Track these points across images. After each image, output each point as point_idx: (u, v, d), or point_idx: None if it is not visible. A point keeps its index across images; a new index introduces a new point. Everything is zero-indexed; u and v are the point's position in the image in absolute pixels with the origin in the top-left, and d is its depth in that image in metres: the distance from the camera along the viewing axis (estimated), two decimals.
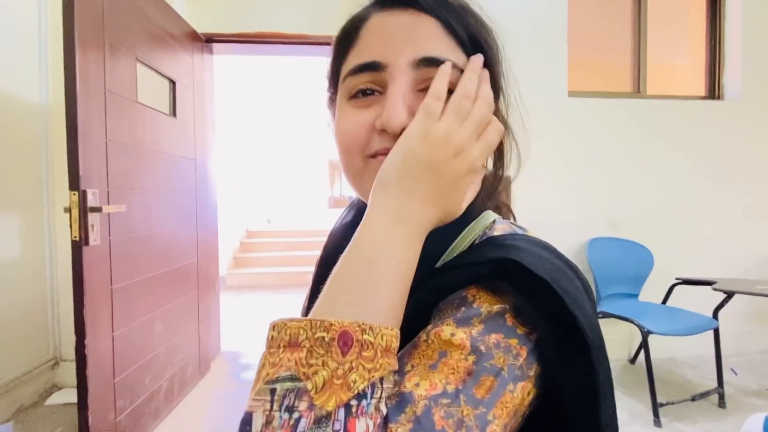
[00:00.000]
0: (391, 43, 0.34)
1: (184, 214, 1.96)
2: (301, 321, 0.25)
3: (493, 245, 0.34)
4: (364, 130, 0.35)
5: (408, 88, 0.34)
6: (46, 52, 1.97)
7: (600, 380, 0.29)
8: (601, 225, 2.29)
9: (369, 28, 0.36)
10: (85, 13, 1.28)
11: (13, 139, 1.82)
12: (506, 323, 0.30)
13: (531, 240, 0.36)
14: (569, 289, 0.30)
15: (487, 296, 0.31)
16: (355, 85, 0.36)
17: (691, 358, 2.30)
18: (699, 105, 2.39)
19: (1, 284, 1.74)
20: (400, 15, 0.35)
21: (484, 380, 0.28)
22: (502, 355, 0.29)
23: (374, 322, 0.26)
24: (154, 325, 1.68)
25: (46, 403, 1.88)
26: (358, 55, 0.36)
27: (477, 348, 0.28)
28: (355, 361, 0.24)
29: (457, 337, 0.29)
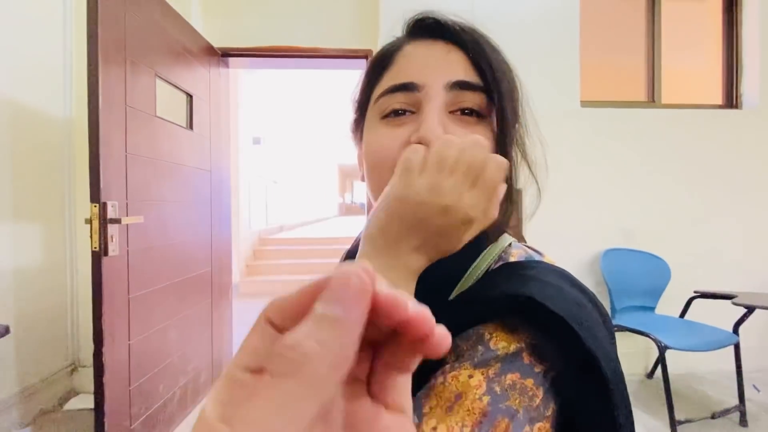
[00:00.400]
0: (427, 66, 0.36)
1: (199, 223, 2.01)
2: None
3: (509, 276, 0.34)
4: (398, 145, 0.36)
5: (442, 108, 0.36)
6: (70, 68, 2.05)
7: (619, 420, 0.29)
8: (615, 236, 2.25)
9: (404, 53, 0.39)
10: (108, 32, 1.34)
11: (37, 152, 1.89)
12: (523, 362, 0.30)
13: (547, 268, 0.35)
14: (587, 324, 0.29)
15: (505, 335, 0.31)
16: (389, 105, 0.37)
17: (711, 374, 2.23)
18: (716, 114, 2.35)
19: (24, 292, 1.80)
20: (435, 45, 0.38)
21: (499, 422, 0.28)
22: (517, 397, 0.29)
23: None
24: (168, 333, 1.71)
25: (65, 408, 1.93)
26: (392, 77, 0.38)
27: (492, 389, 0.29)
28: None
29: (475, 379, 0.29)
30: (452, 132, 0.35)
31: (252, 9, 2.29)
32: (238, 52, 2.24)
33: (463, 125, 0.36)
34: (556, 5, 2.23)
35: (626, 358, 2.26)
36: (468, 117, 0.37)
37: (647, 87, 2.44)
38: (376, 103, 0.38)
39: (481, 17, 1.79)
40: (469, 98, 0.36)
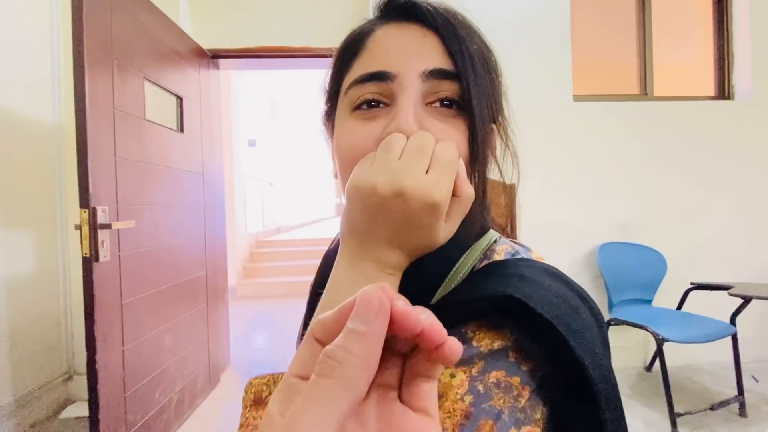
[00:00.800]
0: (400, 53, 0.33)
1: (192, 227, 1.99)
2: (264, 377, 0.26)
3: (494, 274, 0.32)
4: (371, 142, 0.33)
5: (418, 99, 0.33)
6: (58, 72, 2.03)
7: (607, 428, 0.27)
8: (611, 230, 2.25)
9: (376, 38, 0.35)
10: (93, 35, 1.32)
11: (27, 158, 1.87)
12: (508, 359, 0.28)
13: (534, 266, 0.33)
14: (575, 326, 0.28)
15: (488, 332, 0.29)
16: (360, 95, 0.34)
17: (710, 366, 2.23)
18: (709, 105, 2.35)
19: (17, 300, 1.77)
20: (409, 28, 0.35)
21: (483, 424, 0.26)
22: (502, 396, 0.27)
23: None
24: (163, 338, 1.69)
25: (61, 416, 1.91)
26: (364, 64, 0.35)
27: (474, 388, 0.27)
28: None
29: (457, 378, 0.28)
30: (428, 125, 0.33)
31: (241, 10, 2.28)
32: (228, 53, 2.23)
33: (441, 118, 0.33)
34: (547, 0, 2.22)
35: (624, 351, 2.27)
36: (446, 109, 0.34)
37: (639, 80, 2.44)
38: (346, 94, 0.35)
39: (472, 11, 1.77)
40: (447, 87, 0.33)
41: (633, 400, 1.94)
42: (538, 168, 2.21)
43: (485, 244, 0.36)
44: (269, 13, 2.27)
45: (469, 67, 0.33)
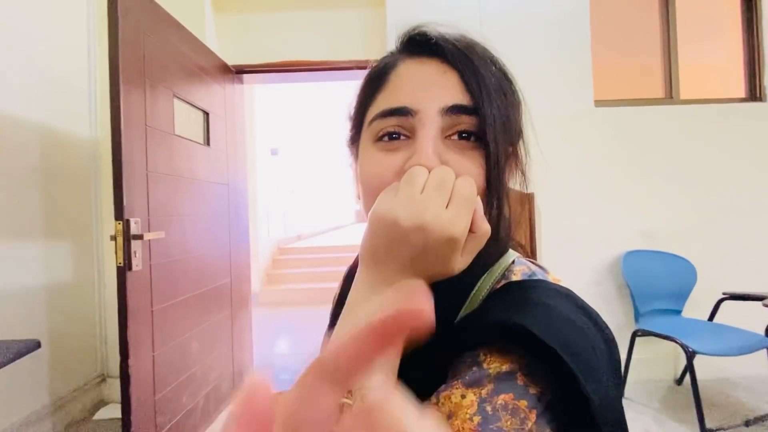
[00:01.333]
0: (421, 89, 0.35)
1: (217, 236, 2.06)
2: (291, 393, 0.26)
3: (507, 299, 0.33)
4: (392, 173, 0.35)
5: (437, 133, 0.35)
6: (95, 91, 2.16)
7: None
8: (636, 238, 2.19)
9: (399, 73, 0.37)
10: (128, 56, 1.41)
11: (65, 172, 1.99)
12: (517, 383, 0.29)
13: (551, 289, 0.34)
14: (585, 356, 0.28)
15: (498, 356, 0.30)
16: (382, 128, 0.36)
17: (745, 380, 2.13)
18: (739, 108, 2.27)
19: (55, 306, 1.88)
20: (429, 63, 0.36)
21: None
22: (509, 418, 0.28)
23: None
24: (190, 344, 1.76)
25: (95, 417, 2.00)
26: (386, 99, 0.37)
27: (483, 409, 0.28)
28: None
29: (467, 399, 0.29)
30: (447, 159, 0.34)
31: (264, 26, 2.36)
32: (251, 68, 2.31)
33: (459, 151, 0.35)
34: (565, 2, 2.20)
35: (653, 363, 2.19)
36: (465, 141, 0.35)
37: (664, 82, 2.38)
38: (370, 125, 0.38)
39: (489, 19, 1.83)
40: (465, 121, 0.35)
41: (663, 414, 1.87)
42: (560, 175, 2.18)
43: (503, 266, 0.38)
44: (290, 29, 2.35)
45: (486, 102, 0.34)
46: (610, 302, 2.19)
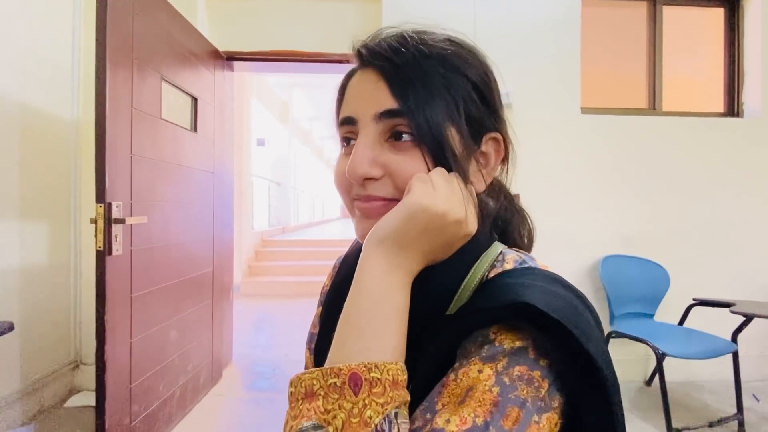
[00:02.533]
0: (359, 100, 0.40)
1: (201, 224, 2.03)
2: (314, 372, 0.29)
3: (507, 285, 0.35)
4: (344, 177, 0.40)
5: (374, 139, 0.38)
6: (78, 70, 2.09)
7: (617, 416, 0.31)
8: (614, 243, 2.26)
9: (350, 85, 0.42)
10: (116, 36, 1.37)
11: (44, 152, 1.92)
12: (529, 356, 0.32)
13: (541, 274, 0.37)
14: (582, 326, 0.31)
15: (509, 333, 0.33)
16: (342, 134, 0.42)
17: (710, 383, 2.22)
18: (717, 122, 2.35)
19: (29, 289, 1.82)
20: (368, 73, 0.40)
21: (510, 411, 0.29)
22: (525, 387, 0.30)
23: (383, 360, 0.29)
24: (169, 332, 1.73)
25: (66, 405, 1.95)
26: (343, 109, 0.42)
27: (501, 380, 0.30)
28: (367, 398, 0.27)
29: (484, 373, 0.31)
30: (385, 159, 0.38)
31: (257, 14, 2.33)
32: (242, 56, 2.28)
33: (396, 151, 0.38)
34: (558, 12, 2.25)
35: (624, 365, 2.26)
36: (400, 142, 0.38)
37: (648, 94, 2.45)
38: (338, 130, 0.43)
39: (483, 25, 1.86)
40: (399, 123, 0.38)
41: (631, 413, 1.94)
42: (543, 178, 2.22)
43: (491, 258, 0.40)
44: (284, 18, 2.32)
45: (413, 104, 0.37)
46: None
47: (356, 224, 0.41)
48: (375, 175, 0.38)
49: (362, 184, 0.39)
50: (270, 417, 1.88)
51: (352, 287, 0.34)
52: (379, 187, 0.38)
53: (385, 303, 0.33)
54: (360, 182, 0.38)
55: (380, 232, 0.35)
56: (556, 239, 2.22)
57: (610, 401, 0.31)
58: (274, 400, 2.04)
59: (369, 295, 0.33)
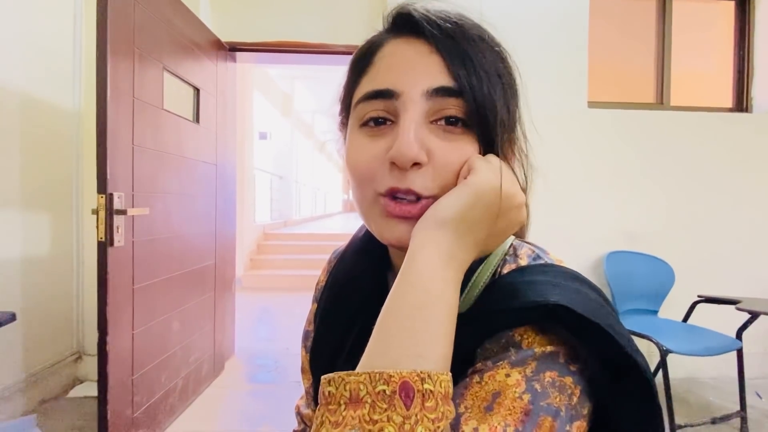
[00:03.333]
0: (404, 71, 0.34)
1: (203, 217, 2.02)
2: (360, 375, 0.25)
3: (530, 283, 0.33)
4: (376, 162, 0.34)
5: (421, 119, 0.33)
6: (80, 60, 2.07)
7: (658, 413, 0.30)
8: (619, 239, 2.24)
9: (383, 54, 0.36)
10: (117, 25, 1.35)
11: (46, 143, 1.91)
12: (560, 361, 0.30)
13: (561, 271, 0.35)
14: (614, 325, 0.30)
15: (537, 336, 0.31)
16: (366, 112, 0.35)
17: (714, 380, 2.21)
18: (726, 117, 2.32)
19: (31, 280, 1.82)
20: (415, 43, 0.34)
21: (542, 421, 0.27)
22: (558, 395, 0.29)
23: (433, 369, 0.26)
24: (171, 324, 1.73)
25: (69, 395, 1.96)
26: (370, 81, 0.35)
27: (532, 387, 0.28)
28: (419, 413, 0.24)
29: (512, 378, 0.29)
30: (431, 146, 0.33)
31: (260, 4, 2.30)
32: (245, 46, 2.25)
33: (445, 137, 0.34)
34: (565, 4, 2.21)
35: None
36: (452, 127, 0.34)
37: (656, 88, 2.42)
38: (355, 108, 0.36)
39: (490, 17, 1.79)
40: (452, 104, 0.33)
41: None
42: (547, 173, 2.20)
43: (502, 251, 0.37)
44: (287, 9, 2.29)
45: (474, 85, 0.33)
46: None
47: (383, 226, 0.35)
48: (423, 160, 0.32)
49: (405, 171, 0.33)
50: (272, 409, 1.88)
51: (400, 278, 0.30)
52: (419, 178, 0.33)
53: (440, 302, 0.28)
54: (407, 167, 0.32)
55: (441, 214, 0.31)
56: (561, 235, 2.21)
57: (656, 408, 0.30)
58: (275, 393, 2.05)
59: (424, 291, 0.28)
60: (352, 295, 0.44)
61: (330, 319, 0.46)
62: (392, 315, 0.28)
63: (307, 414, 0.54)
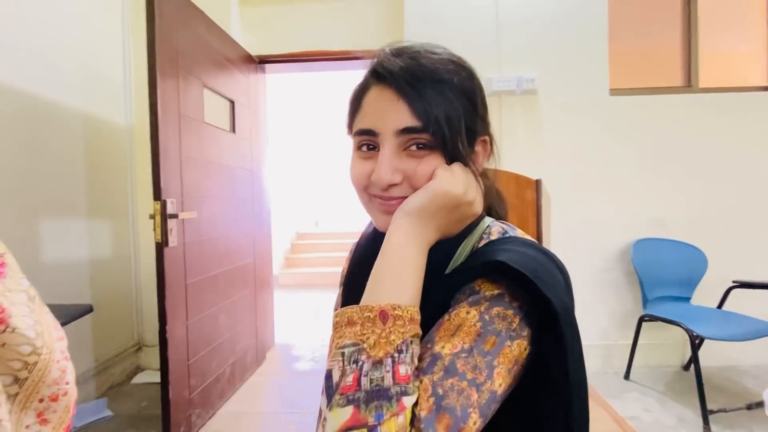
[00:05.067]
0: (380, 115, 0.46)
1: (242, 218, 2.20)
2: (353, 307, 0.39)
3: (490, 250, 0.45)
4: (365, 177, 0.48)
5: (394, 151, 0.46)
6: (129, 81, 2.30)
7: (566, 340, 0.40)
8: (647, 226, 2.22)
9: (368, 99, 0.48)
10: (163, 50, 1.52)
11: (104, 157, 2.15)
12: (504, 300, 0.42)
13: (518, 240, 0.47)
14: (543, 277, 0.41)
15: (489, 284, 0.43)
16: (360, 141, 0.49)
17: (754, 368, 2.16)
18: (759, 97, 2.24)
19: (97, 279, 2.06)
20: (387, 91, 0.46)
21: (489, 338, 0.39)
22: (501, 322, 0.40)
23: (402, 303, 0.39)
24: (218, 316, 1.91)
25: (132, 381, 2.20)
26: (361, 120, 0.48)
27: (483, 318, 0.40)
28: (392, 327, 0.37)
29: (471, 314, 0.41)
30: (406, 167, 0.46)
31: (285, 17, 2.45)
32: (273, 58, 2.41)
33: (414, 158, 0.46)
34: None
35: (661, 349, 2.24)
36: (419, 150, 0.46)
37: (683, 70, 2.35)
38: (354, 137, 0.50)
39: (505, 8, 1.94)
40: (416, 137, 0.45)
41: (666, 396, 1.93)
42: (573, 161, 2.21)
43: (480, 231, 0.50)
44: (311, 20, 2.43)
45: (432, 120, 0.44)
46: (619, 289, 2.24)
47: (376, 218, 0.50)
48: (397, 181, 0.46)
49: (385, 189, 0.46)
50: (310, 393, 2.03)
51: (382, 248, 0.43)
52: (399, 190, 0.47)
53: (407, 262, 0.42)
54: (385, 188, 0.46)
55: (407, 207, 0.44)
56: (586, 223, 2.22)
57: (562, 331, 0.40)
58: (313, 380, 2.20)
59: (396, 255, 0.42)
60: (366, 272, 0.56)
61: (354, 297, 0.59)
62: (376, 271, 0.42)
63: None
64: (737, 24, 2.40)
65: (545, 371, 0.42)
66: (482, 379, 0.37)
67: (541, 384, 0.43)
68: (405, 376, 0.36)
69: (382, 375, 0.35)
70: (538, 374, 0.43)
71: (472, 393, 0.37)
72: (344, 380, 0.36)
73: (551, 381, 0.42)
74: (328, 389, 0.37)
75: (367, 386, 0.35)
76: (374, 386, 0.35)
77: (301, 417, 1.83)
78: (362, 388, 0.35)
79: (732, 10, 2.39)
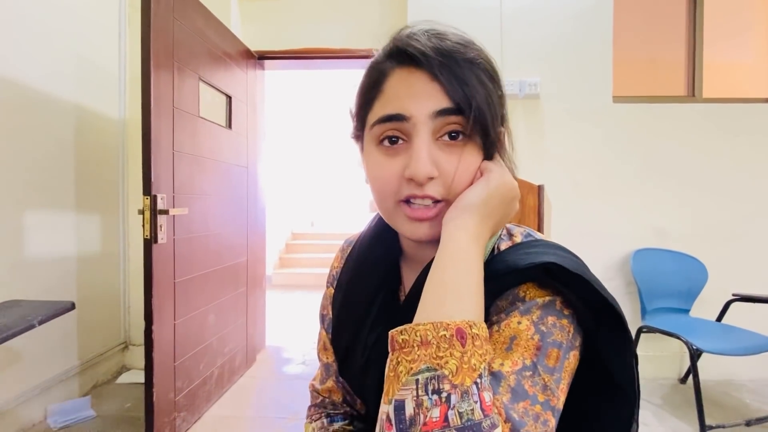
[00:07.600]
0: (412, 97, 0.40)
1: (236, 216, 2.15)
2: (426, 324, 0.33)
3: (527, 253, 0.42)
4: (395, 179, 0.41)
5: (429, 138, 0.40)
6: (124, 74, 2.25)
7: (631, 347, 0.41)
8: (647, 235, 2.19)
9: (391, 83, 0.42)
10: (158, 40, 1.48)
11: (96, 150, 2.09)
12: (556, 308, 0.39)
13: (550, 244, 0.44)
14: (594, 278, 0.39)
15: (537, 290, 0.40)
16: (382, 132, 0.42)
17: (752, 382, 2.13)
18: (762, 109, 2.22)
19: (83, 276, 2.00)
20: (417, 73, 0.41)
21: (551, 352, 0.37)
22: (558, 332, 0.38)
23: (475, 319, 0.34)
24: (208, 317, 1.85)
25: (117, 381, 2.14)
26: (383, 106, 0.42)
27: (539, 328, 0.38)
28: (471, 350, 0.32)
29: (523, 324, 0.38)
30: (440, 161, 0.40)
31: (286, 13, 2.41)
32: (273, 54, 2.37)
33: (450, 150, 0.41)
34: None
35: (658, 361, 2.20)
36: (454, 141, 0.41)
37: (687, 80, 2.34)
38: (371, 129, 0.43)
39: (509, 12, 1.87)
40: (453, 121, 0.40)
41: (663, 410, 1.90)
42: (574, 169, 2.18)
43: (498, 233, 0.46)
44: (311, 17, 2.39)
45: (470, 103, 0.39)
46: (618, 299, 2.15)
47: (404, 226, 0.43)
48: (435, 174, 0.40)
49: (422, 184, 0.40)
50: (299, 399, 1.98)
51: (440, 254, 0.38)
52: (432, 187, 0.40)
53: (473, 270, 0.37)
54: (425, 182, 0.40)
55: (467, 201, 0.40)
56: (585, 231, 2.18)
57: (625, 329, 0.40)
58: (303, 384, 2.14)
59: (461, 262, 0.37)
60: (371, 275, 0.53)
61: (352, 298, 0.54)
62: (439, 281, 0.36)
63: (323, 388, 0.62)
64: (741, 36, 2.39)
65: (599, 377, 0.41)
66: (555, 402, 0.36)
67: (594, 390, 0.42)
68: (490, 406, 0.31)
69: (472, 407, 0.30)
70: (589, 381, 0.41)
71: (549, 418, 0.35)
72: (426, 415, 0.30)
73: (615, 386, 0.41)
74: (399, 423, 0.31)
75: (457, 422, 0.30)
76: (466, 421, 0.30)
77: (290, 422, 1.78)
78: (451, 424, 0.30)
79: (736, 22, 2.38)
